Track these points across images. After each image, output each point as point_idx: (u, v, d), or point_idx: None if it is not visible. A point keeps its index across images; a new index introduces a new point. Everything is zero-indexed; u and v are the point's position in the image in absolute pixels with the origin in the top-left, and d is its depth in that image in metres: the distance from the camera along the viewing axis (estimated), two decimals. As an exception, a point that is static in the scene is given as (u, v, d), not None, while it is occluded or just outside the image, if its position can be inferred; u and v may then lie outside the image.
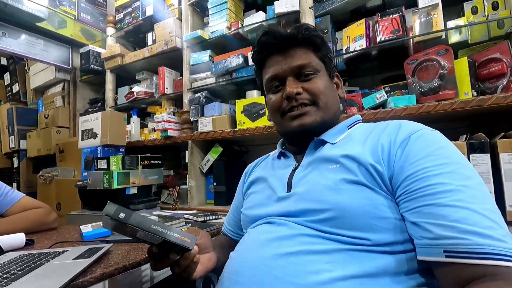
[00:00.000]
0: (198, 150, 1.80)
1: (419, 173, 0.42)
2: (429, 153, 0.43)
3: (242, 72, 1.63)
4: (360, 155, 0.48)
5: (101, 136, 1.78)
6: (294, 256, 0.44)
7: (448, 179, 0.40)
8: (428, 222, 0.39)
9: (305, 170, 0.56)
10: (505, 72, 1.07)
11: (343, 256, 0.42)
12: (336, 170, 0.50)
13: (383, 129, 0.52)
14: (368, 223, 0.43)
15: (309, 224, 0.47)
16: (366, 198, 0.45)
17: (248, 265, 0.46)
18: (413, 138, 0.46)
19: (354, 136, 0.56)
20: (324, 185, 0.49)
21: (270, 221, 0.52)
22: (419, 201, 0.41)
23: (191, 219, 1.00)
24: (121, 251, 0.67)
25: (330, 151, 0.54)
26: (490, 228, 0.36)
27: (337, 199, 0.46)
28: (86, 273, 0.53)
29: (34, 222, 0.91)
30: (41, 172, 2.08)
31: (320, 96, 0.58)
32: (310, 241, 0.45)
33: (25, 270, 0.52)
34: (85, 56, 2.26)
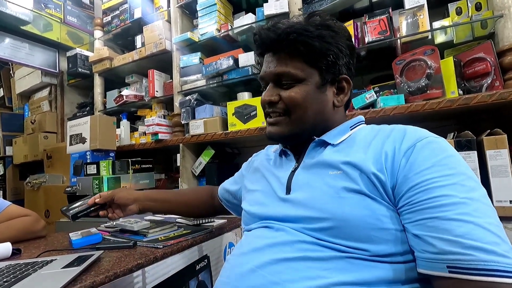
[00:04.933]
0: (189, 153, 1.79)
1: (423, 184, 0.41)
2: (434, 163, 0.42)
3: (232, 74, 1.63)
4: (362, 163, 0.47)
5: (90, 140, 1.74)
6: (291, 262, 0.43)
7: (453, 191, 0.39)
8: (431, 236, 0.38)
9: (305, 173, 0.54)
10: (489, 71, 1.10)
11: (340, 264, 0.42)
12: (337, 177, 0.48)
13: (388, 134, 0.50)
14: (368, 234, 0.42)
15: (307, 231, 0.46)
16: (367, 208, 0.44)
17: (246, 270, 0.45)
18: (418, 147, 0.44)
19: (356, 140, 0.53)
20: (325, 193, 0.48)
21: (268, 225, 0.52)
22: (422, 213, 0.40)
23: (183, 223, 0.99)
24: (112, 258, 0.66)
25: (331, 155, 0.52)
26: (494, 244, 0.36)
27: (338, 209, 0.45)
28: (75, 282, 0.51)
29: (21, 231, 0.89)
30: (28, 178, 2.03)
31: (295, 108, 0.55)
32: (308, 248, 0.44)
33: (12, 281, 0.50)
34: (72, 60, 2.22)
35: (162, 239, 0.79)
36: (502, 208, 0.99)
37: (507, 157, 1.00)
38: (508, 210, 0.99)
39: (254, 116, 1.52)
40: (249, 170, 0.73)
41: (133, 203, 0.82)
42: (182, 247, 0.76)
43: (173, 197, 0.89)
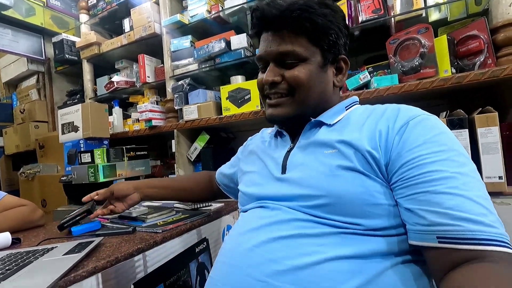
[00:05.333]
0: (184, 139, 1.78)
1: (415, 160, 0.42)
2: (426, 140, 0.43)
3: (225, 57, 1.60)
4: (357, 141, 0.47)
5: (83, 129, 1.72)
6: (288, 239, 0.44)
7: (444, 167, 0.41)
8: (422, 209, 0.40)
9: (301, 153, 0.55)
10: (482, 49, 1.10)
11: (335, 239, 0.43)
12: (332, 155, 0.49)
13: (382, 113, 0.50)
14: (362, 210, 0.44)
15: (302, 209, 0.47)
16: (361, 185, 0.45)
17: (243, 249, 0.47)
18: (411, 125, 0.46)
19: (351, 120, 0.54)
20: (320, 171, 0.48)
21: (263, 205, 0.53)
22: (414, 188, 0.42)
23: (181, 208, 1.01)
24: (112, 244, 0.67)
25: (327, 135, 0.53)
26: (482, 215, 0.37)
27: (333, 186, 0.46)
28: (77, 268, 0.52)
29: (19, 221, 0.89)
30: (22, 169, 2.01)
31: (299, 88, 0.54)
32: (303, 225, 0.46)
33: (14, 268, 0.51)
34: (58, 46, 2.14)
35: (161, 224, 0.80)
36: (491, 184, 1.02)
37: (498, 134, 1.01)
38: (498, 186, 1.02)
39: (248, 100, 1.51)
40: (245, 154, 0.73)
41: (134, 192, 0.82)
42: (181, 231, 0.77)
43: (172, 184, 0.89)
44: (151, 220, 0.84)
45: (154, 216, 0.86)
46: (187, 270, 0.76)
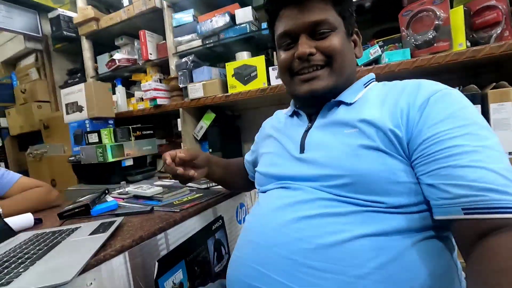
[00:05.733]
0: (190, 118, 1.77)
1: (435, 136, 0.43)
2: (448, 115, 0.43)
3: (229, 32, 1.54)
4: (378, 120, 0.47)
5: (88, 109, 1.71)
6: (312, 219, 0.46)
7: (466, 141, 0.41)
8: (445, 183, 0.40)
9: (320, 132, 0.55)
10: (500, 21, 1.06)
11: (359, 218, 0.44)
12: (353, 135, 0.49)
13: (402, 89, 0.50)
14: (384, 188, 0.44)
15: (325, 189, 0.48)
16: (384, 164, 0.45)
17: (269, 228, 0.48)
18: (431, 101, 0.45)
19: (370, 97, 0.54)
20: (342, 151, 0.49)
21: (284, 186, 0.54)
22: (435, 164, 0.42)
23: (194, 186, 1.02)
24: (134, 223, 0.69)
25: (346, 114, 0.53)
26: (506, 186, 0.37)
27: (355, 165, 0.46)
28: (105, 247, 0.54)
29: (37, 201, 0.91)
30: (29, 150, 2.02)
31: (336, 57, 0.54)
32: (327, 205, 0.47)
33: (45, 249, 0.53)
34: (55, 22, 2.06)
35: (177, 203, 0.82)
36: (500, 159, 1.03)
37: (511, 109, 1.01)
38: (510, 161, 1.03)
39: (254, 77, 1.48)
40: (261, 137, 0.73)
41: (205, 166, 0.77)
42: (198, 209, 0.79)
43: (228, 165, 0.86)
44: (167, 199, 0.86)
45: (170, 196, 0.88)
46: (205, 246, 0.78)
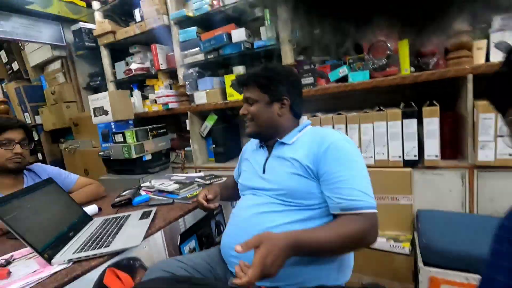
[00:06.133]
0: (196, 119, 2.12)
1: (330, 170, 0.78)
2: (336, 158, 0.78)
3: (227, 49, 1.84)
4: (300, 159, 0.82)
5: (112, 113, 2.07)
6: (266, 214, 0.82)
7: (345, 172, 0.76)
8: (334, 196, 0.76)
9: (273, 162, 0.90)
10: (436, 52, 1.35)
11: (289, 213, 0.80)
12: (288, 165, 0.84)
13: (316, 139, 0.84)
14: (303, 196, 0.79)
15: (273, 196, 0.84)
16: (303, 183, 0.80)
17: (242, 218, 0.85)
18: (329, 149, 0.80)
19: (301, 141, 0.88)
20: (282, 175, 0.84)
21: (254, 193, 0.90)
22: (327, 183, 0.78)
23: (201, 182, 1.40)
24: (163, 211, 1.07)
25: (286, 152, 0.87)
26: (363, 196, 0.73)
27: (288, 184, 0.82)
28: (150, 227, 0.93)
29: (93, 195, 1.30)
30: (64, 144, 2.42)
31: (255, 117, 0.92)
32: (273, 205, 0.83)
33: (116, 228, 0.91)
34: (77, 34, 2.38)
35: (190, 197, 1.20)
36: (431, 161, 1.37)
37: (437, 123, 1.33)
38: (435, 162, 1.36)
39: (248, 88, 1.80)
40: (242, 159, 1.08)
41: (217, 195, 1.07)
42: (204, 200, 1.17)
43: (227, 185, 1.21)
44: (183, 193, 1.24)
45: (184, 190, 1.26)
46: (209, 226, 1.17)
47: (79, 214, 1.02)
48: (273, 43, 1.73)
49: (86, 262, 0.75)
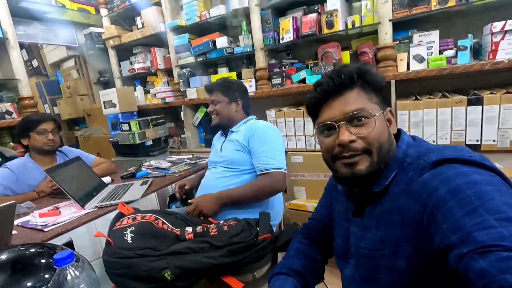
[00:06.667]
0: (189, 111, 2.53)
1: (255, 146, 1.18)
2: (258, 138, 1.19)
3: (213, 54, 2.22)
4: (239, 140, 1.24)
5: (119, 105, 2.49)
6: (219, 179, 1.23)
7: (263, 147, 1.17)
8: (257, 162, 1.17)
9: (226, 143, 1.32)
10: (370, 61, 1.72)
11: (234, 177, 1.22)
12: (233, 144, 1.26)
13: (250, 128, 1.25)
14: (240, 163, 1.22)
15: (223, 165, 1.25)
16: (240, 155, 1.22)
17: (206, 183, 1.28)
18: (256, 132, 1.21)
19: (243, 129, 1.28)
20: (229, 150, 1.26)
21: (214, 166, 1.32)
22: (254, 155, 1.19)
23: (188, 161, 1.82)
24: (157, 181, 1.50)
25: (233, 136, 1.29)
26: (268, 161, 1.15)
27: (231, 156, 1.24)
28: (147, 190, 1.36)
29: (108, 170, 1.74)
30: (80, 132, 2.86)
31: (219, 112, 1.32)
32: (223, 172, 1.24)
33: (125, 190, 1.34)
34: (89, 37, 2.77)
35: (178, 172, 1.62)
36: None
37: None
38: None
39: (229, 86, 2.19)
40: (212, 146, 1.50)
41: None
42: (188, 173, 1.59)
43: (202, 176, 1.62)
44: (173, 169, 1.66)
45: (174, 167, 1.68)
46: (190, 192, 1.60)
47: (98, 182, 1.46)
48: (250, 50, 2.10)
49: (106, 208, 1.18)
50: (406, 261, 0.51)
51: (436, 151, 0.53)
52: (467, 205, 0.42)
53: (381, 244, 0.55)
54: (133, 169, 1.67)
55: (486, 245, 0.37)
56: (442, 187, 0.45)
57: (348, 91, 0.58)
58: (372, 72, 0.60)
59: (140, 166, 1.73)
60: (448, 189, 0.45)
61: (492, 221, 0.39)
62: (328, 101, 0.60)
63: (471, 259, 0.37)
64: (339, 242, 0.68)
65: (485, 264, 0.36)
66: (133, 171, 1.63)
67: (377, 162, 0.56)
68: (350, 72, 0.57)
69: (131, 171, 1.64)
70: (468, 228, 0.40)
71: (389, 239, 0.53)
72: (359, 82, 0.58)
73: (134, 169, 1.65)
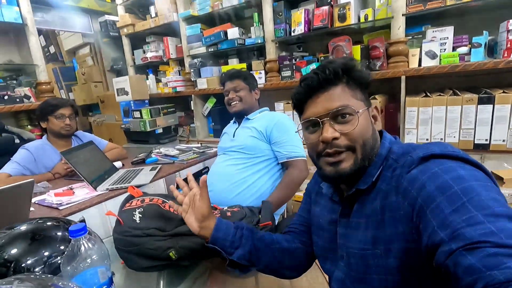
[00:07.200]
0: (199, 101, 2.56)
1: (275, 136, 1.23)
2: (281, 128, 1.23)
3: (224, 44, 2.24)
4: (257, 127, 1.27)
5: (132, 93, 2.54)
6: (232, 165, 1.27)
7: (286, 137, 1.22)
8: (282, 150, 1.22)
9: (240, 129, 1.36)
10: (381, 56, 1.70)
11: (249, 164, 1.25)
12: (248, 131, 1.29)
13: (268, 117, 1.30)
14: (254, 150, 1.25)
15: (236, 150, 1.29)
16: (254, 142, 1.25)
17: (216, 170, 1.31)
18: (276, 124, 1.25)
19: (259, 118, 1.34)
20: (244, 136, 1.30)
21: (225, 152, 1.35)
22: (277, 144, 1.23)
23: (197, 150, 1.86)
24: (166, 168, 1.55)
25: (249, 123, 1.33)
26: (293, 150, 1.21)
27: (246, 142, 1.27)
28: (156, 175, 1.41)
29: (119, 155, 1.80)
30: (93, 118, 2.95)
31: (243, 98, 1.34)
32: (235, 159, 1.28)
33: (135, 174, 1.40)
34: (104, 25, 2.82)
35: (186, 159, 1.67)
36: (372, 141, 1.76)
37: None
38: (375, 142, 1.76)
39: (239, 77, 2.21)
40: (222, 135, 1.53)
41: None
42: (196, 162, 1.64)
43: None
44: (181, 156, 1.71)
45: (183, 155, 1.73)
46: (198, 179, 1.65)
47: (110, 166, 1.52)
48: (261, 41, 2.11)
49: (116, 190, 1.24)
50: (397, 259, 0.52)
51: (421, 147, 0.53)
52: (455, 201, 0.42)
53: (374, 243, 0.55)
54: (143, 155, 1.73)
55: (475, 241, 0.37)
56: (430, 183, 0.46)
57: (333, 87, 0.58)
58: (358, 68, 0.59)
59: (150, 153, 1.79)
60: (436, 186, 0.45)
61: (480, 217, 0.39)
62: (312, 96, 0.59)
63: (460, 255, 0.38)
64: (323, 244, 0.69)
65: (474, 260, 0.36)
66: (143, 157, 1.68)
67: (361, 159, 0.56)
68: (335, 68, 0.57)
69: (141, 157, 1.69)
70: (456, 225, 0.40)
71: (382, 238, 0.54)
72: (344, 78, 0.58)
73: (144, 155, 1.70)
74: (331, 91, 0.58)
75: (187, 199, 0.73)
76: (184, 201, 0.74)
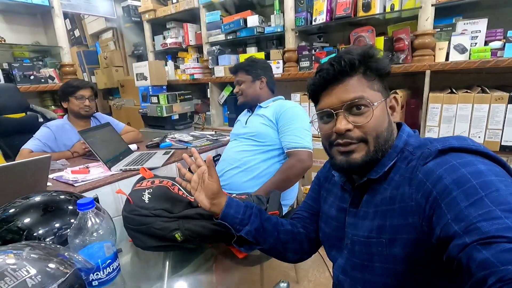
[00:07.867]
0: (216, 88, 2.56)
1: (283, 125, 1.22)
2: (288, 117, 1.22)
3: (243, 32, 2.21)
4: (269, 116, 1.27)
5: (150, 79, 2.58)
6: (243, 151, 1.27)
7: (292, 125, 1.21)
8: (285, 140, 1.21)
9: (252, 117, 1.35)
10: (405, 48, 1.62)
11: (258, 150, 1.25)
12: (261, 118, 1.29)
13: (279, 106, 1.28)
14: (264, 137, 1.25)
15: (248, 137, 1.29)
16: (268, 130, 1.25)
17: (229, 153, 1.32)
18: (285, 111, 1.24)
19: (272, 106, 1.32)
20: (257, 125, 1.29)
21: (236, 138, 1.35)
22: (282, 132, 1.22)
23: (210, 137, 1.87)
24: (178, 153, 1.57)
25: (262, 111, 1.32)
26: (296, 140, 1.19)
27: (257, 129, 1.27)
28: (168, 160, 1.43)
29: (135, 138, 1.84)
30: (113, 101, 3.02)
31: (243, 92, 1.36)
32: (246, 146, 1.28)
33: (148, 157, 1.43)
34: (126, 10, 2.86)
35: (199, 146, 1.68)
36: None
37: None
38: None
39: (257, 66, 2.18)
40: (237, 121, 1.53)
41: None
42: (209, 149, 1.65)
43: None
44: (194, 143, 1.73)
45: (196, 141, 1.74)
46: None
47: (125, 148, 1.55)
48: (280, 30, 2.07)
49: (129, 171, 1.27)
50: (403, 249, 0.51)
51: (439, 140, 0.52)
52: (472, 195, 0.41)
53: (379, 232, 0.55)
54: (158, 139, 1.76)
55: (490, 236, 0.36)
56: (447, 176, 0.45)
57: (348, 78, 0.56)
58: (376, 58, 0.56)
59: (164, 138, 1.81)
60: (453, 179, 0.44)
61: (497, 212, 0.38)
62: (328, 87, 0.58)
63: (474, 249, 0.37)
64: (330, 231, 0.69)
65: (488, 255, 0.35)
66: (158, 142, 1.71)
67: (373, 151, 0.56)
68: (351, 59, 0.55)
69: (156, 141, 1.72)
70: (472, 219, 0.39)
71: (388, 227, 0.53)
72: (361, 69, 0.56)
73: (158, 140, 1.73)
74: (346, 82, 0.56)
75: (195, 176, 0.73)
76: (192, 178, 0.73)
